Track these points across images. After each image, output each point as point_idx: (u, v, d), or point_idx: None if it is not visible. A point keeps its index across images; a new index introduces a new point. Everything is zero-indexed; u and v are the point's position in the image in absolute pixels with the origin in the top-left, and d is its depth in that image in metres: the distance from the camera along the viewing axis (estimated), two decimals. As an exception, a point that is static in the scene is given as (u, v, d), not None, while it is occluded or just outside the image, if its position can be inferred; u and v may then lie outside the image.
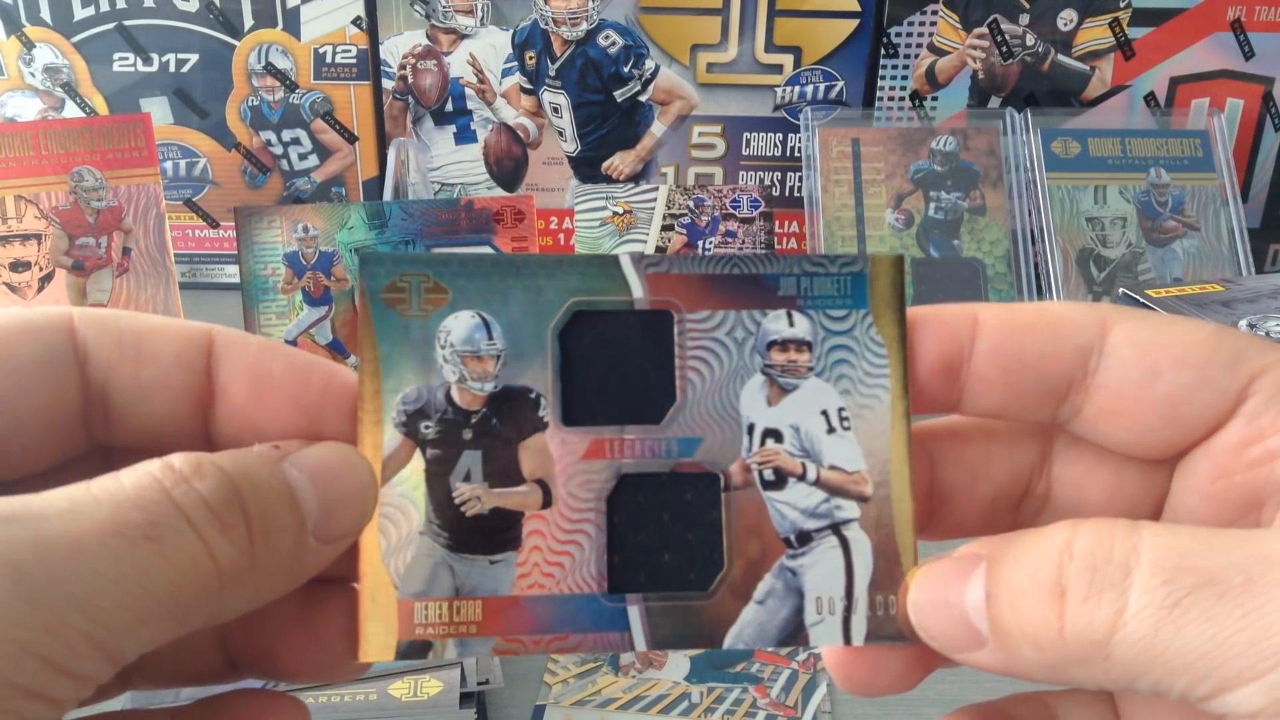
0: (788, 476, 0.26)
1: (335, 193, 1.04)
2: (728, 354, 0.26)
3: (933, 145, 0.93)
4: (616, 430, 0.26)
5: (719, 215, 0.91)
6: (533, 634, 0.25)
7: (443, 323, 0.26)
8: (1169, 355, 0.25)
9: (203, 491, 0.22)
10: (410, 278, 0.26)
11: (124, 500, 0.21)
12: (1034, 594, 0.22)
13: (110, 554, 0.20)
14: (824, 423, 0.26)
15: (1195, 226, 0.92)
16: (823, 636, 0.25)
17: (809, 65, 1.00)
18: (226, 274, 1.04)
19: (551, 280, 0.26)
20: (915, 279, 0.91)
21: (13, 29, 0.98)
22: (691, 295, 0.26)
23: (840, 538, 0.26)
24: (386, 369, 0.26)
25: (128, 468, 0.22)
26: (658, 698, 0.60)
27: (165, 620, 0.21)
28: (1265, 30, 0.99)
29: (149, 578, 0.20)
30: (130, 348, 0.25)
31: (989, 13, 0.98)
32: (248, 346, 0.25)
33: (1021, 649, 0.23)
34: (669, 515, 0.26)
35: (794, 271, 0.27)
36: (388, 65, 1.00)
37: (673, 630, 0.25)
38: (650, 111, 1.01)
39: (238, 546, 0.22)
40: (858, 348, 0.26)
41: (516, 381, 0.26)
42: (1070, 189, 0.92)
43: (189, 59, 1.00)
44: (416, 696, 0.57)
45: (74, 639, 0.19)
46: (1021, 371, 0.25)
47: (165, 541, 0.21)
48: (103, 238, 0.85)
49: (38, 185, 0.84)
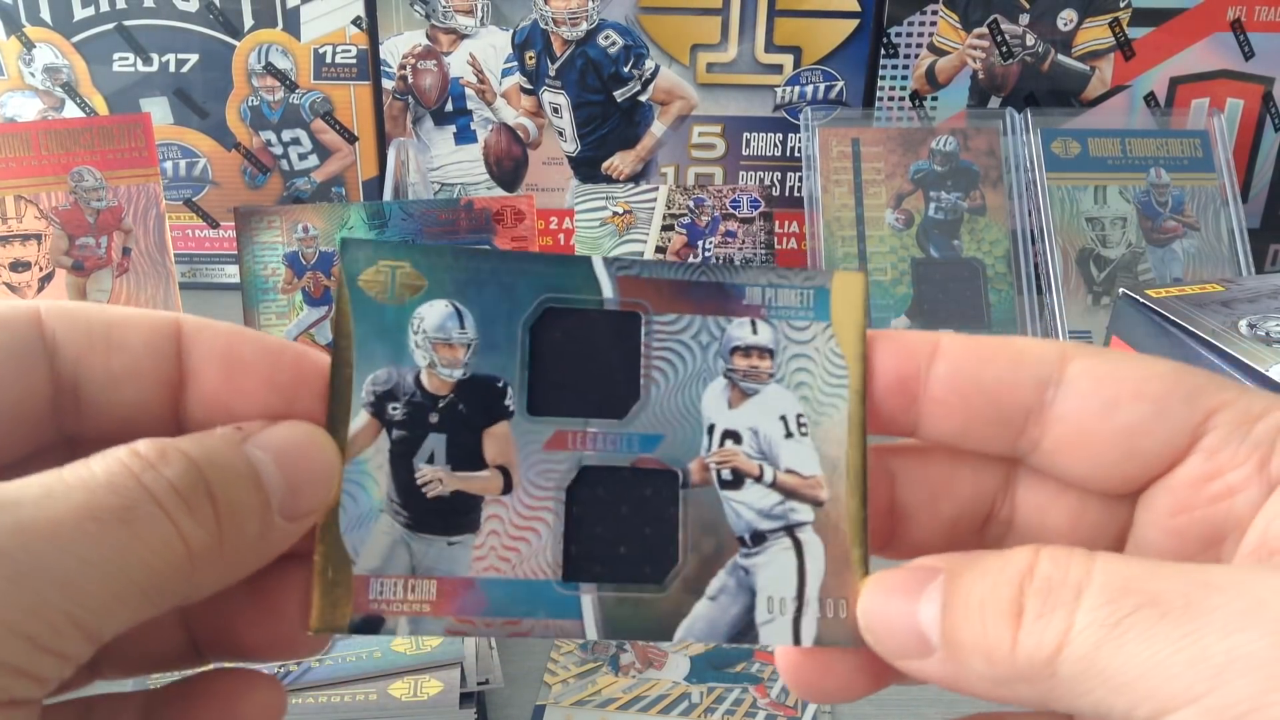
0: (745, 477, 0.27)
1: (335, 193, 1.04)
2: (692, 356, 0.27)
3: (933, 145, 0.93)
4: (580, 423, 0.27)
5: (719, 215, 0.91)
6: (485, 616, 0.25)
7: (417, 310, 0.27)
8: (1127, 388, 0.25)
9: (170, 477, 0.22)
10: (389, 266, 0.27)
11: (97, 485, 0.21)
12: (993, 610, 0.22)
13: (87, 537, 0.21)
14: (782, 427, 0.27)
15: (1195, 226, 0.92)
16: (772, 635, 0.26)
17: (809, 65, 1.00)
18: (226, 274, 1.04)
19: (525, 276, 0.27)
20: (915, 279, 0.91)
21: (13, 29, 0.98)
22: (660, 298, 0.27)
23: (794, 539, 0.26)
24: (359, 351, 0.26)
25: (97, 454, 0.22)
26: (658, 698, 0.60)
27: (140, 600, 0.22)
28: (1265, 30, 0.99)
29: (124, 559, 0.21)
30: (99, 337, 0.25)
31: (989, 13, 0.98)
32: (217, 331, 0.26)
33: (972, 662, 0.23)
34: (627, 508, 0.27)
35: (759, 282, 0.27)
36: (388, 65, 1.00)
37: (624, 621, 0.26)
38: (650, 111, 1.01)
39: (206, 528, 0.22)
40: (818, 358, 0.27)
41: (485, 370, 0.27)
42: (1070, 189, 0.92)
43: (189, 59, 1.00)
44: (416, 696, 0.57)
45: (56, 619, 0.20)
46: (978, 398, 0.26)
47: (138, 524, 0.21)
48: (103, 238, 0.85)
49: (38, 185, 0.84)
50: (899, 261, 0.91)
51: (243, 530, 0.23)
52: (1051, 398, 0.25)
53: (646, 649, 0.64)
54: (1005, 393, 0.25)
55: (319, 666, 0.58)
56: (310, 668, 0.58)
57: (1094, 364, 0.25)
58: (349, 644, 0.60)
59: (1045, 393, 0.25)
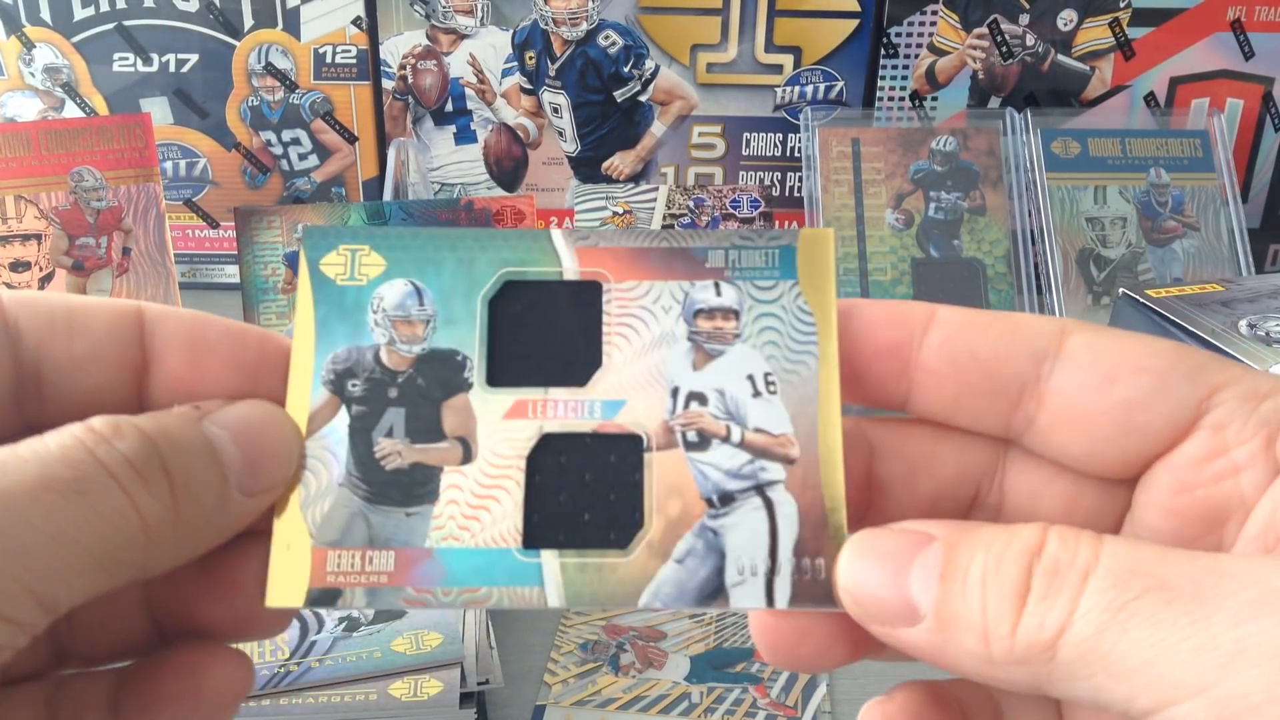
0: (711, 438, 0.26)
1: (335, 193, 1.04)
2: (655, 321, 0.27)
3: (933, 145, 0.93)
4: (540, 392, 0.27)
5: (719, 215, 0.91)
6: (443, 585, 0.25)
7: (377, 289, 0.27)
8: (1127, 363, 0.24)
9: (124, 450, 0.22)
10: (349, 249, 0.27)
11: (50, 458, 0.22)
12: (996, 587, 0.22)
13: (41, 508, 0.21)
14: (749, 387, 0.26)
15: (1195, 226, 0.92)
16: (744, 598, 0.25)
17: (809, 65, 1.00)
18: (226, 274, 1.04)
19: (485, 252, 0.27)
20: (915, 279, 0.91)
21: (13, 29, 0.98)
22: (620, 267, 0.27)
23: (764, 499, 0.26)
24: (320, 331, 0.27)
25: (52, 430, 0.23)
26: (658, 698, 0.60)
27: (95, 571, 0.22)
28: (1265, 30, 0.99)
29: (79, 530, 0.21)
30: (62, 323, 0.25)
31: (989, 13, 0.98)
32: (180, 316, 0.26)
33: (964, 638, 0.22)
34: (591, 475, 0.26)
35: (722, 245, 0.27)
36: (388, 65, 1.00)
37: (587, 587, 0.25)
38: (650, 111, 1.01)
39: (161, 501, 0.23)
40: (785, 316, 0.27)
41: (445, 345, 0.27)
42: (1070, 189, 0.92)
43: (189, 59, 1.00)
44: (416, 696, 0.57)
45: (10, 586, 0.20)
46: (972, 367, 0.25)
47: (92, 496, 0.22)
48: (103, 238, 0.85)
49: (38, 185, 0.84)
50: (899, 261, 0.91)
51: (199, 504, 0.24)
52: (1049, 371, 0.25)
53: (646, 649, 0.64)
54: (1000, 364, 0.25)
55: (319, 667, 0.58)
56: (310, 668, 0.58)
57: (1093, 338, 0.25)
58: (349, 644, 0.60)
59: (1042, 365, 0.25)
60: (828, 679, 0.61)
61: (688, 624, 0.67)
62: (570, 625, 0.66)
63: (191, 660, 0.26)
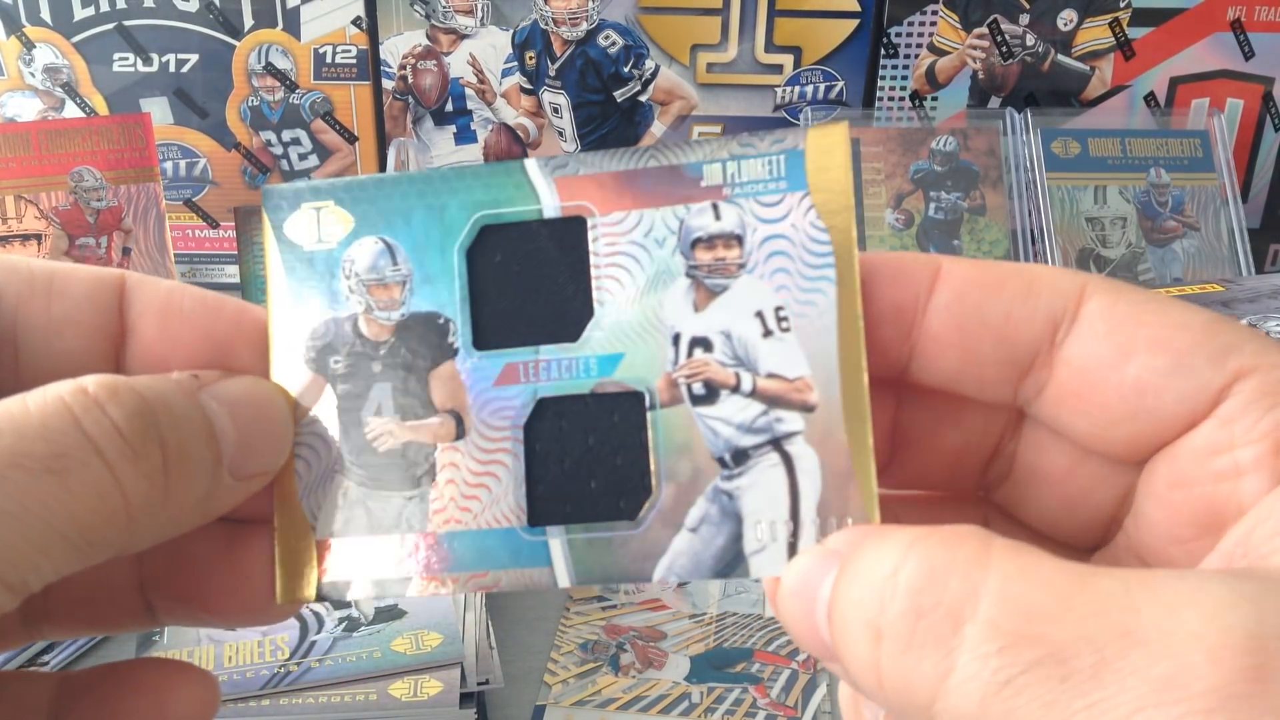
0: (720, 389, 0.23)
1: (335, 193, 1.04)
2: (648, 258, 0.24)
3: (933, 145, 0.93)
4: (531, 352, 0.24)
5: (719, 215, 0.91)
6: (451, 571, 0.24)
7: (347, 251, 0.25)
8: (1146, 335, 0.21)
9: (116, 419, 0.21)
10: (312, 208, 0.25)
11: (28, 430, 0.20)
12: (857, 625, 0.19)
13: (9, 486, 0.19)
14: (759, 326, 0.23)
15: (1195, 226, 0.92)
16: (765, 566, 0.23)
17: (809, 65, 1.00)
18: (226, 274, 1.04)
19: (455, 196, 0.25)
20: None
21: (13, 29, 0.98)
22: (606, 197, 0.24)
23: (782, 454, 0.23)
24: (295, 304, 0.25)
25: (36, 390, 0.21)
26: (658, 698, 0.60)
27: (68, 552, 0.20)
28: (1265, 30, 0.99)
29: (50, 510, 0.20)
30: (41, 285, 0.24)
31: (989, 13, 0.98)
32: (159, 286, 0.25)
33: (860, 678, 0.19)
34: (593, 439, 0.24)
35: (718, 157, 0.24)
36: (388, 65, 1.00)
37: (598, 563, 0.23)
38: (650, 111, 1.01)
39: (150, 479, 0.21)
40: (795, 236, 0.23)
41: (425, 307, 0.25)
42: (1070, 189, 0.92)
43: (189, 59, 1.00)
44: (416, 696, 0.57)
45: None
46: (981, 332, 0.22)
47: (69, 474, 0.20)
48: (103, 238, 0.85)
49: (38, 185, 0.84)
50: (899, 261, 0.91)
51: (189, 485, 0.22)
52: (1062, 337, 0.22)
53: (646, 649, 0.64)
54: (1011, 328, 0.22)
55: (319, 667, 0.58)
56: (310, 668, 0.59)
57: (1114, 301, 0.21)
58: (349, 644, 0.60)
59: (1057, 329, 0.22)
60: (828, 679, 0.61)
61: (688, 624, 0.67)
62: (570, 625, 0.66)
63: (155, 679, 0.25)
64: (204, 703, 0.25)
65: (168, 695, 0.25)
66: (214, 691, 0.25)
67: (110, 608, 0.26)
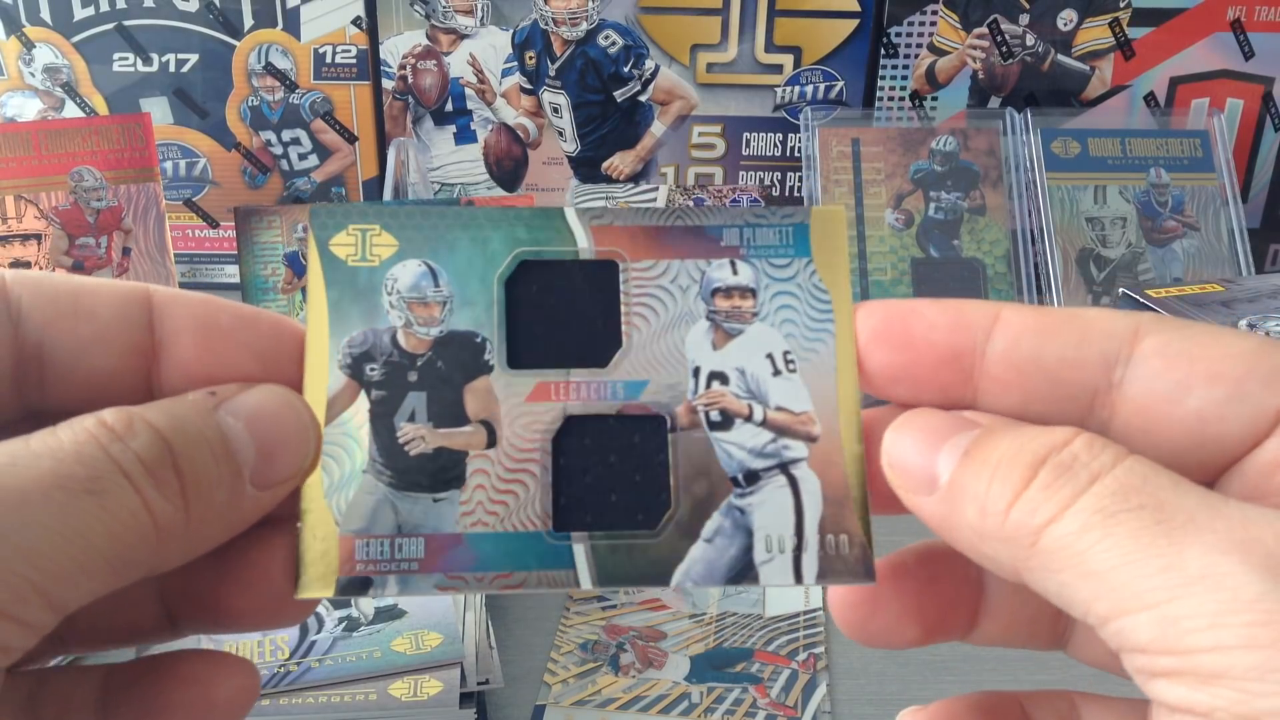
0: (734, 417, 0.26)
1: (335, 193, 1.04)
2: (673, 301, 0.27)
3: (933, 145, 0.93)
4: (562, 373, 0.26)
5: (719, 215, 0.91)
6: (475, 570, 0.25)
7: (390, 270, 0.27)
8: (1201, 369, 0.23)
9: (136, 449, 0.22)
10: (359, 229, 0.27)
11: (64, 455, 0.21)
12: (1006, 468, 0.22)
13: (53, 506, 0.20)
14: (769, 365, 0.27)
15: (1195, 226, 0.92)
16: (773, 575, 0.25)
17: (809, 65, 1.00)
18: (226, 274, 1.04)
19: (498, 231, 0.27)
20: (915, 279, 0.91)
21: (13, 29, 0.98)
22: (636, 246, 0.27)
23: (789, 476, 0.26)
24: (334, 314, 0.26)
25: (64, 423, 0.22)
26: (658, 698, 0.60)
27: (105, 571, 0.21)
28: (1265, 30, 0.99)
29: (90, 530, 0.21)
30: (66, 304, 0.25)
31: (989, 13, 0.98)
32: (190, 301, 0.26)
33: (966, 509, 0.22)
34: (616, 456, 0.26)
35: (736, 223, 0.27)
36: (388, 65, 1.00)
37: (619, 568, 0.25)
38: (650, 111, 1.01)
39: (172, 501, 0.22)
40: (801, 294, 0.27)
41: (463, 327, 0.26)
42: (1070, 189, 0.92)
43: (189, 59, 1.00)
44: (416, 696, 0.57)
45: (20, 586, 0.20)
46: (1038, 376, 0.24)
47: (105, 496, 0.21)
48: (103, 238, 0.85)
49: (38, 185, 0.84)
50: (899, 261, 0.91)
51: (211, 502, 0.23)
52: (1120, 378, 0.24)
53: (646, 649, 0.64)
54: (1068, 371, 0.24)
55: (319, 667, 0.58)
56: (310, 668, 0.58)
57: (1167, 340, 0.23)
58: (349, 644, 0.60)
59: (1114, 372, 0.24)
60: (828, 679, 0.61)
61: (688, 624, 0.67)
62: (570, 625, 0.66)
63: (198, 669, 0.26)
64: (245, 690, 0.26)
65: (211, 685, 0.26)
66: (254, 679, 0.26)
67: (133, 620, 0.26)
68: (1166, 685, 0.20)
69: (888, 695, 0.59)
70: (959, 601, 0.27)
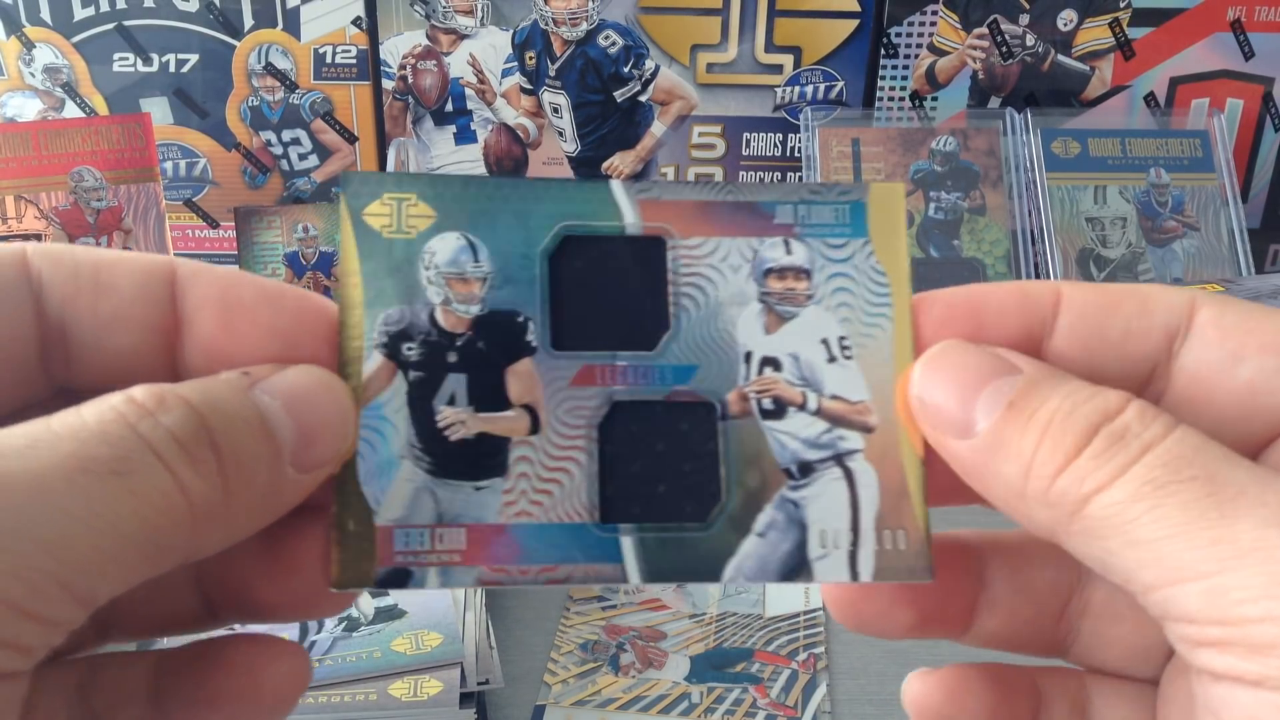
0: (787, 405, 0.25)
1: (335, 193, 1.04)
2: (723, 281, 0.26)
3: (933, 145, 0.93)
4: (608, 356, 0.25)
5: (719, 215, 0.91)
6: (520, 563, 0.24)
7: (428, 243, 0.25)
8: (1254, 340, 0.23)
9: (168, 424, 0.21)
10: (394, 199, 0.25)
11: (87, 435, 0.20)
12: (1058, 431, 0.22)
13: (77, 491, 0.19)
14: (824, 351, 0.25)
15: (1195, 226, 0.92)
16: (828, 572, 0.24)
17: (809, 65, 1.00)
18: (226, 274, 1.04)
19: (540, 204, 0.26)
20: (915, 279, 0.91)
21: (13, 29, 0.98)
22: (685, 222, 0.26)
23: (844, 469, 0.25)
24: (368, 289, 0.25)
25: (89, 402, 0.21)
26: (658, 698, 0.60)
27: (138, 559, 0.20)
28: (1265, 30, 0.99)
29: (118, 515, 0.19)
30: (88, 279, 0.23)
31: (989, 13, 0.98)
32: (214, 275, 0.24)
33: (1007, 464, 0.22)
34: (664, 445, 0.25)
35: (791, 199, 0.26)
36: (388, 65, 1.00)
37: (668, 562, 0.24)
38: (650, 111, 1.01)
39: (209, 480, 0.21)
40: (858, 276, 0.26)
41: (504, 305, 0.25)
42: (1070, 189, 0.92)
43: (189, 59, 1.00)
44: (416, 696, 0.57)
45: (41, 582, 0.19)
46: (1104, 349, 0.24)
47: (134, 476, 0.20)
48: (103, 238, 0.85)
49: (38, 185, 0.84)
50: (899, 261, 0.91)
51: (251, 482, 0.22)
52: (1178, 348, 0.24)
53: (646, 649, 0.64)
54: (1133, 343, 0.24)
55: (319, 667, 0.58)
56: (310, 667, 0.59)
57: (1222, 312, 0.24)
58: (349, 644, 0.60)
59: (1174, 342, 0.24)
60: (828, 679, 0.61)
61: (688, 624, 0.67)
62: (570, 625, 0.66)
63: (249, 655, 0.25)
64: (297, 675, 0.25)
65: (261, 671, 0.25)
66: (305, 664, 0.25)
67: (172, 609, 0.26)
68: (1214, 655, 0.20)
69: (888, 695, 0.59)
70: (956, 592, 0.27)
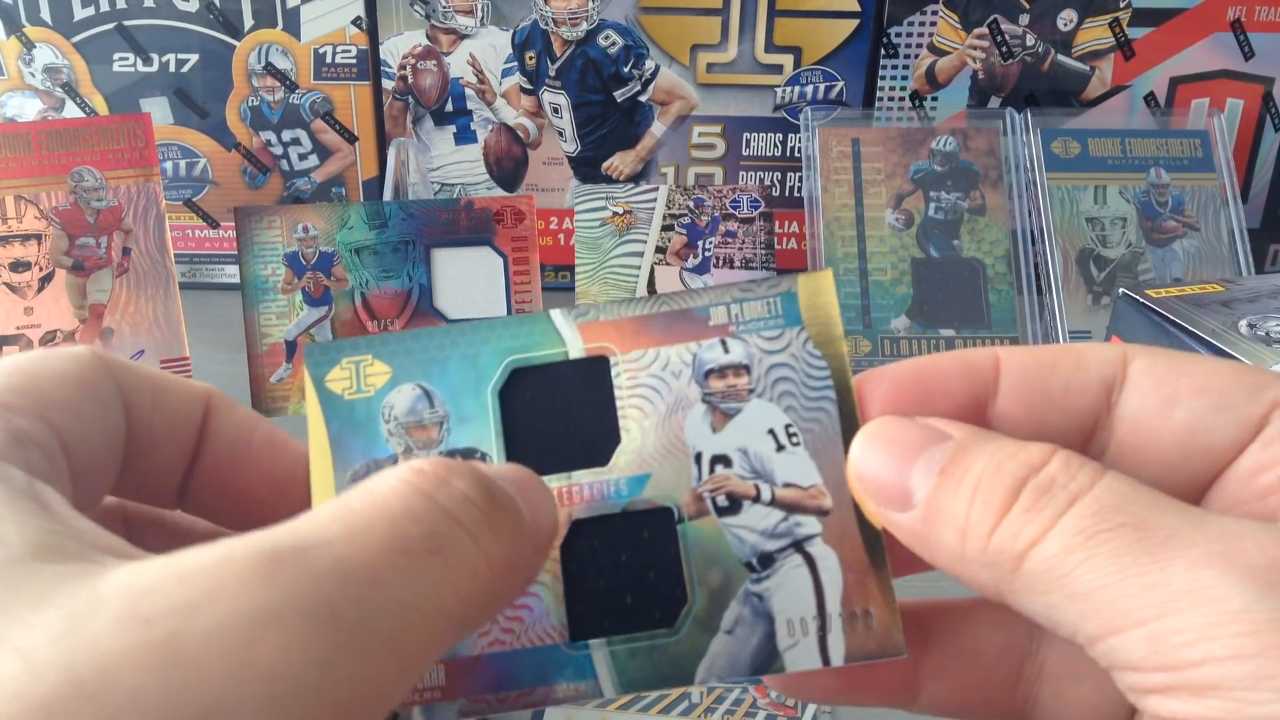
0: (742, 500, 0.26)
1: (335, 193, 1.04)
2: (667, 389, 0.26)
3: (933, 145, 0.93)
4: (564, 478, 0.26)
5: (719, 215, 0.91)
6: (497, 692, 0.25)
7: (385, 398, 0.27)
8: (1187, 384, 0.24)
9: (464, 489, 0.20)
10: (352, 361, 0.27)
11: (396, 514, 0.19)
12: (987, 490, 0.22)
13: (404, 577, 0.18)
14: (772, 441, 0.26)
15: (1195, 226, 0.92)
16: (799, 660, 0.25)
17: (809, 65, 1.00)
18: (226, 274, 1.04)
19: (487, 344, 0.27)
20: (915, 279, 0.91)
21: (13, 29, 0.98)
22: (624, 338, 0.27)
23: (804, 555, 0.25)
24: (336, 449, 0.26)
25: (364, 481, 0.20)
26: (658, 698, 0.60)
27: (451, 641, 0.20)
28: (1265, 30, 0.99)
29: (440, 595, 0.19)
30: (148, 396, 0.24)
31: (989, 13, 0.98)
32: (235, 413, 0.26)
33: (945, 530, 0.22)
34: (626, 555, 0.26)
35: (723, 300, 0.27)
36: (388, 65, 1.00)
37: (640, 671, 0.25)
38: (650, 111, 1.01)
39: (505, 545, 0.21)
40: (796, 364, 0.26)
41: (462, 444, 0.26)
42: (1070, 189, 0.92)
43: (189, 59, 1.00)
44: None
45: (386, 683, 0.17)
46: (1046, 406, 0.25)
47: (447, 553, 0.19)
48: (103, 238, 0.85)
49: (38, 185, 0.84)
50: (899, 261, 0.91)
51: (529, 550, 0.22)
52: (1117, 399, 0.24)
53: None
54: (1072, 398, 0.25)
55: None
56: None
57: (1154, 361, 0.24)
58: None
59: (1111, 393, 0.24)
60: (828, 679, 0.61)
61: (688, 624, 0.66)
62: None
63: None
64: None
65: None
66: None
67: None
68: (1161, 701, 0.20)
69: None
70: None
